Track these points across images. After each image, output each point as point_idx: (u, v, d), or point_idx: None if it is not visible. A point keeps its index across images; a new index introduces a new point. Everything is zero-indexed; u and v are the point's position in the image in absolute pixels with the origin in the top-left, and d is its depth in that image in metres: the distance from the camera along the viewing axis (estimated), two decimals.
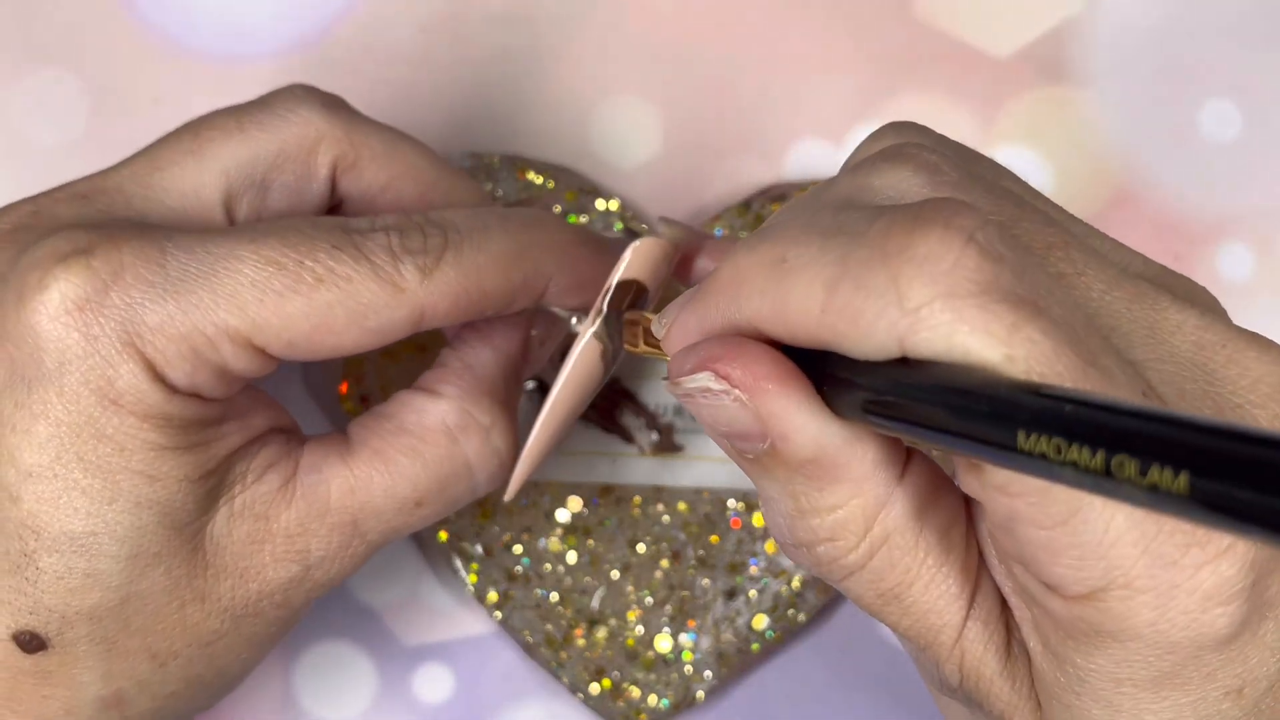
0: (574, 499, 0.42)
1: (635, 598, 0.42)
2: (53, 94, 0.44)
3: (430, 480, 0.33)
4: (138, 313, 0.30)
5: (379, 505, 0.33)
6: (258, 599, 0.32)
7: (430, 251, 0.32)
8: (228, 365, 0.31)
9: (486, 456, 0.34)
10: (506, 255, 0.33)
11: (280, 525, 0.32)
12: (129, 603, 0.31)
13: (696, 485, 0.42)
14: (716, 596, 0.42)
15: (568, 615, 0.42)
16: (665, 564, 0.42)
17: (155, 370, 0.30)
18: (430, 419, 0.34)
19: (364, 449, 0.33)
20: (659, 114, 0.45)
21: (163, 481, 0.30)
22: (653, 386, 0.42)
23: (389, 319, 0.31)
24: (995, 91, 0.45)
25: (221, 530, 0.32)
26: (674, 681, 0.42)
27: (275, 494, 0.32)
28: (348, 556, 0.33)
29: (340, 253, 0.31)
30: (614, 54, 0.45)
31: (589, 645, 0.42)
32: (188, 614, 0.32)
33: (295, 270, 0.30)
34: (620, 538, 0.42)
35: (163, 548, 0.31)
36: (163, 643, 0.32)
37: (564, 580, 0.42)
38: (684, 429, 0.42)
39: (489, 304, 0.33)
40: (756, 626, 0.42)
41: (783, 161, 0.44)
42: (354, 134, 0.34)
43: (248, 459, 0.32)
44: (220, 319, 0.30)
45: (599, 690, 0.42)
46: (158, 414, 0.30)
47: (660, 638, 0.42)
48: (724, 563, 0.42)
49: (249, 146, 0.33)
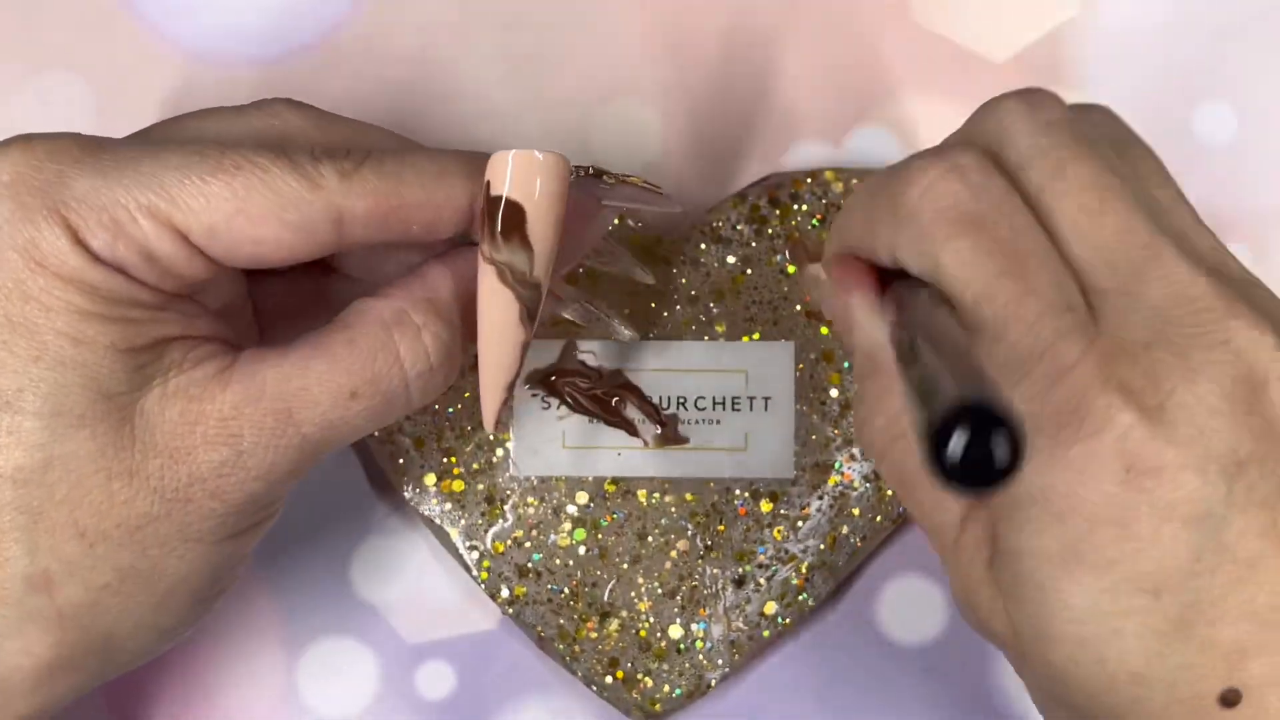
0: (581, 493, 0.42)
1: (646, 589, 0.42)
2: (57, 96, 0.45)
3: (363, 368, 0.34)
4: (65, 183, 0.32)
5: (314, 393, 0.33)
6: (188, 483, 0.32)
7: (351, 160, 0.33)
8: (150, 244, 0.32)
9: (416, 353, 0.34)
10: (428, 171, 0.34)
11: (214, 407, 0.33)
12: (52, 467, 0.31)
13: (702, 475, 0.42)
14: (726, 585, 0.42)
15: (579, 608, 0.42)
16: (674, 554, 0.42)
17: (77, 235, 0.31)
18: (370, 314, 0.34)
19: (304, 344, 0.34)
20: (659, 115, 0.45)
21: (88, 345, 0.31)
22: (655, 379, 0.43)
23: (306, 214, 0.32)
24: (993, 94, 0.45)
25: (153, 408, 0.32)
26: (687, 670, 0.42)
27: (211, 379, 0.33)
28: (281, 446, 0.33)
29: (263, 150, 0.33)
30: (614, 56, 0.45)
31: (601, 637, 0.42)
32: (114, 489, 0.32)
33: (216, 158, 0.32)
34: (629, 530, 0.42)
35: (87, 410, 0.32)
36: (89, 518, 0.32)
37: (574, 574, 0.42)
38: (687, 420, 0.43)
39: (411, 215, 0.34)
40: (767, 613, 0.42)
41: (782, 163, 0.45)
42: (324, 124, 0.35)
43: (186, 348, 0.33)
44: (141, 195, 0.32)
45: (613, 681, 0.42)
46: (80, 278, 0.31)
47: (672, 628, 0.42)
48: (732, 551, 0.42)
49: (219, 125, 0.35)
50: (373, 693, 0.43)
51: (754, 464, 0.42)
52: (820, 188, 0.43)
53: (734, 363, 0.43)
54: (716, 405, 0.43)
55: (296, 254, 0.33)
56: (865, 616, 0.44)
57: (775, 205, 0.43)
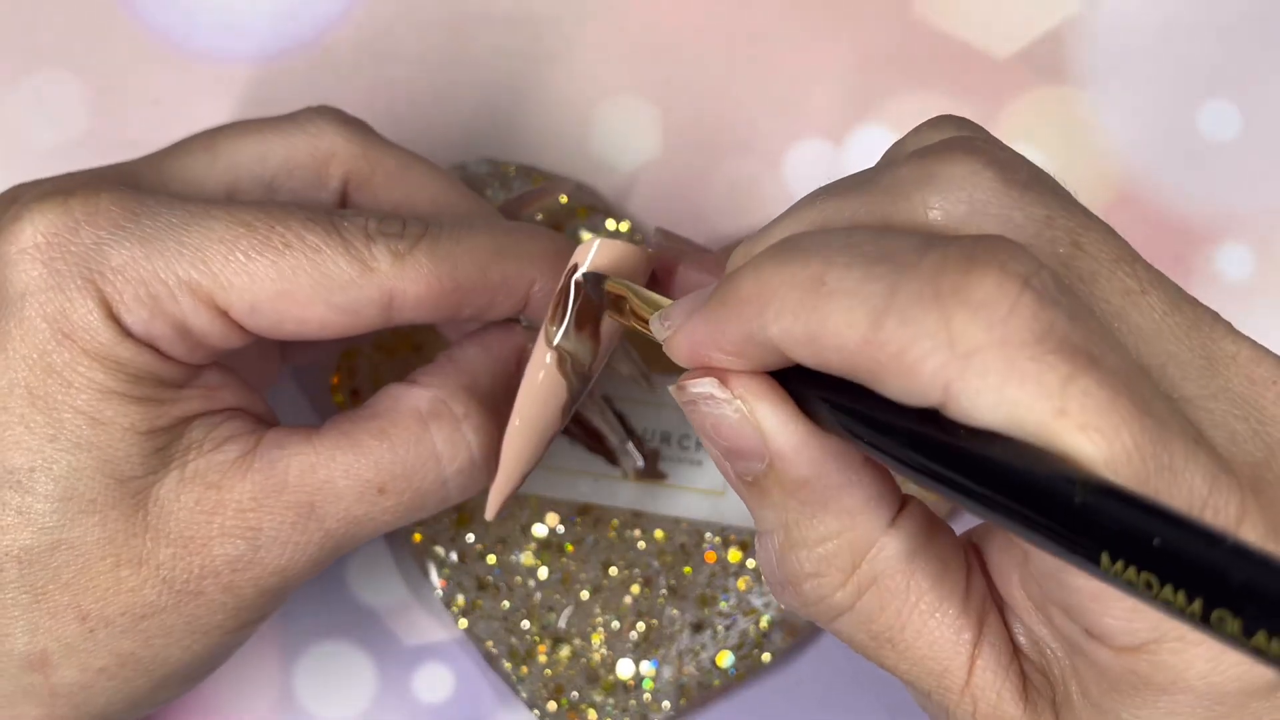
0: (552, 515, 0.42)
1: (602, 620, 0.42)
2: (53, 95, 0.44)
3: (394, 463, 0.32)
4: (103, 252, 0.30)
5: (339, 487, 0.32)
6: (200, 575, 0.31)
7: (407, 238, 0.31)
8: (188, 321, 0.31)
9: (457, 446, 0.33)
10: (485, 251, 0.32)
11: (233, 497, 0.31)
12: (59, 550, 0.31)
13: (676, 515, 0.42)
14: (684, 628, 0.42)
15: (533, 630, 0.42)
16: (636, 589, 0.42)
17: (110, 309, 0.30)
18: (403, 404, 0.33)
19: (332, 430, 0.33)
20: (659, 115, 0.45)
21: (106, 426, 0.30)
22: (643, 411, 0.42)
23: (355, 296, 0.31)
24: (995, 92, 0.44)
25: (169, 494, 0.31)
26: (631, 708, 0.42)
27: (231, 464, 0.31)
28: (301, 543, 0.32)
29: (314, 225, 0.31)
30: (613, 55, 0.45)
31: (550, 662, 0.42)
32: (122, 576, 0.31)
33: (265, 233, 0.30)
34: (594, 559, 0.42)
35: (99, 495, 0.31)
36: (93, 603, 0.31)
37: (533, 595, 0.42)
38: (670, 457, 0.42)
39: (465, 299, 0.32)
40: (720, 663, 0.42)
41: (782, 162, 0.44)
42: (370, 151, 0.34)
43: (207, 428, 0.32)
44: (184, 270, 0.30)
45: (555, 709, 0.42)
46: (108, 354, 0.30)
47: (623, 663, 0.42)
48: (695, 595, 0.42)
49: (259, 147, 0.33)
50: (370, 696, 0.43)
51: (729, 511, 0.42)
52: None
53: None
54: (700, 447, 0.42)
55: (341, 333, 0.32)
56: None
57: None
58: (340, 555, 0.33)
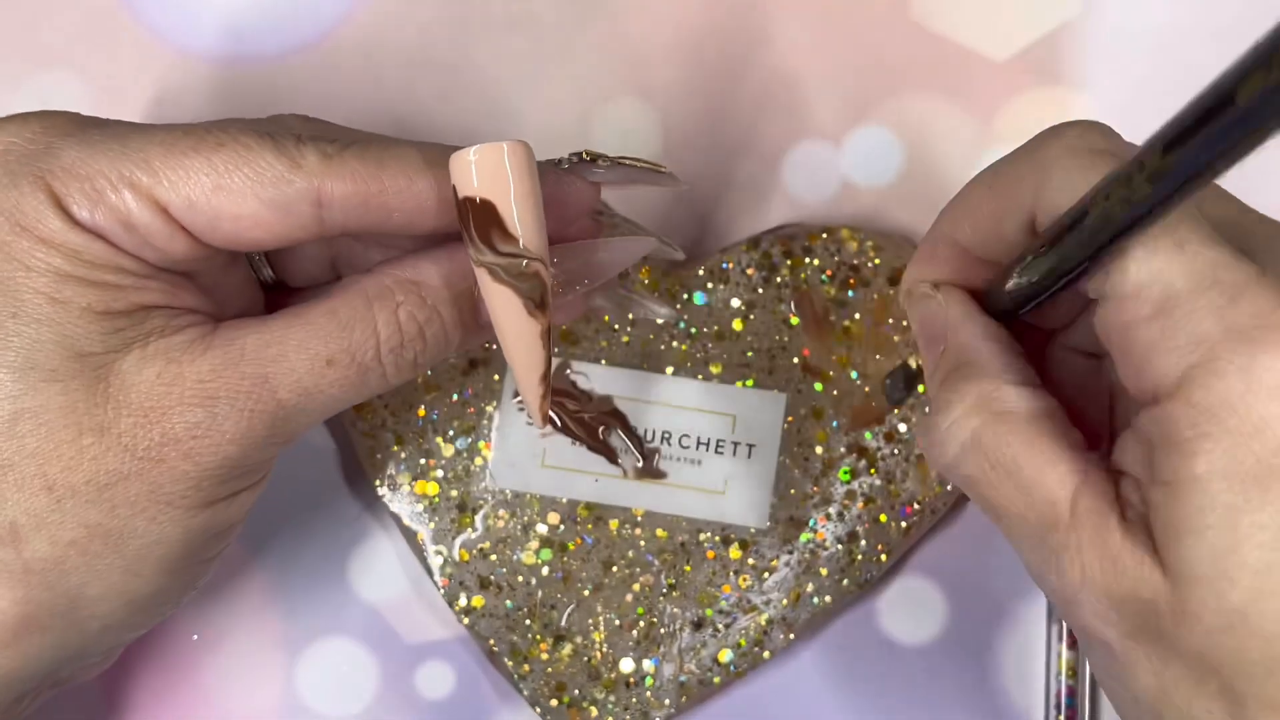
0: (553, 514, 0.42)
1: (604, 618, 0.42)
2: (55, 96, 0.45)
3: (341, 337, 0.34)
4: (53, 153, 0.33)
5: (291, 359, 0.34)
6: (161, 443, 0.33)
7: (335, 143, 0.33)
8: (131, 216, 0.32)
9: (390, 328, 0.35)
10: (412, 160, 0.34)
11: (192, 370, 0.33)
12: (22, 418, 0.32)
13: (676, 513, 0.42)
14: (684, 626, 0.42)
15: (535, 628, 0.42)
16: (637, 588, 0.42)
17: (60, 202, 0.32)
18: (352, 287, 0.35)
19: (286, 313, 0.34)
20: (659, 115, 0.45)
21: (65, 305, 0.32)
22: (644, 410, 0.42)
23: (284, 193, 0.33)
24: (993, 94, 0.45)
25: (130, 369, 0.33)
26: (632, 705, 0.42)
27: (191, 343, 0.33)
28: (257, 410, 0.33)
29: (248, 129, 0.33)
30: (614, 56, 0.45)
31: (552, 660, 0.42)
32: (85, 444, 0.32)
33: (201, 134, 0.33)
34: (595, 557, 0.42)
35: (60, 366, 0.32)
36: (58, 472, 0.32)
37: (535, 593, 0.42)
38: (669, 456, 0.42)
39: (392, 203, 0.34)
40: (721, 660, 0.42)
41: (782, 163, 0.45)
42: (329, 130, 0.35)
43: (169, 315, 0.34)
44: (126, 169, 0.33)
45: (557, 705, 0.42)
46: (62, 241, 0.32)
47: (624, 661, 0.42)
48: (695, 593, 0.42)
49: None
50: (372, 693, 0.43)
51: (729, 509, 0.42)
52: (835, 244, 0.43)
53: (724, 406, 0.42)
54: (701, 445, 0.42)
55: (277, 235, 0.33)
56: (866, 616, 0.43)
57: (788, 256, 0.43)
58: (292, 440, 0.34)
